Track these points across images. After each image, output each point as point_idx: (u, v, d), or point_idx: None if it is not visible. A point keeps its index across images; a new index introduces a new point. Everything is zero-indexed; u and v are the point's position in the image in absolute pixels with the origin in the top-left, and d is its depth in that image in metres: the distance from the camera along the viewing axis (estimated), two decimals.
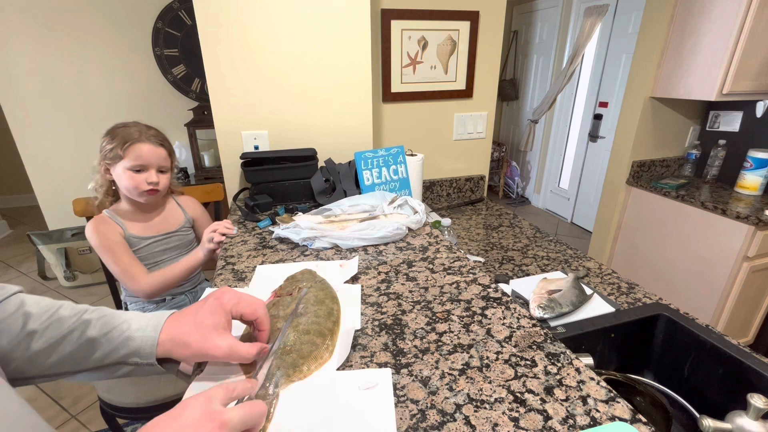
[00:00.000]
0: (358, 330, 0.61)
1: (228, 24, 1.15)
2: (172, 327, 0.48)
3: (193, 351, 0.47)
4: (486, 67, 1.58)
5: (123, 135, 1.11)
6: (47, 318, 0.46)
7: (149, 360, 0.47)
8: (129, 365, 0.47)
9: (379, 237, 0.89)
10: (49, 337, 0.45)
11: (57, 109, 2.44)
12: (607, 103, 3.19)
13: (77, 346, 0.46)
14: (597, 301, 0.97)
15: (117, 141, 1.11)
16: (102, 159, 1.14)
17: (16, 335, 0.44)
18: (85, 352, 0.46)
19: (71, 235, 2.57)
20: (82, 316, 0.47)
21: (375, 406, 0.46)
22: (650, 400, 0.76)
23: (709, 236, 1.75)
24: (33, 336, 0.45)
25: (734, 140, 1.95)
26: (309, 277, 0.70)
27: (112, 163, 1.13)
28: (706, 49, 1.68)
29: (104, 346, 0.46)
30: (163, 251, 1.24)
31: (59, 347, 0.45)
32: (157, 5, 2.45)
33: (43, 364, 0.45)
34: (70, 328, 0.46)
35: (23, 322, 0.45)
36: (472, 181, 1.75)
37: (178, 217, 1.28)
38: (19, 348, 0.44)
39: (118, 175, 1.13)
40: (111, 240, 1.13)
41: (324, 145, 1.35)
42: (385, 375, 0.51)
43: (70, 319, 0.47)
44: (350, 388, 0.49)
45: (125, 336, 0.47)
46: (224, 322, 0.49)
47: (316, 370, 0.52)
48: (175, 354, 0.48)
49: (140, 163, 1.11)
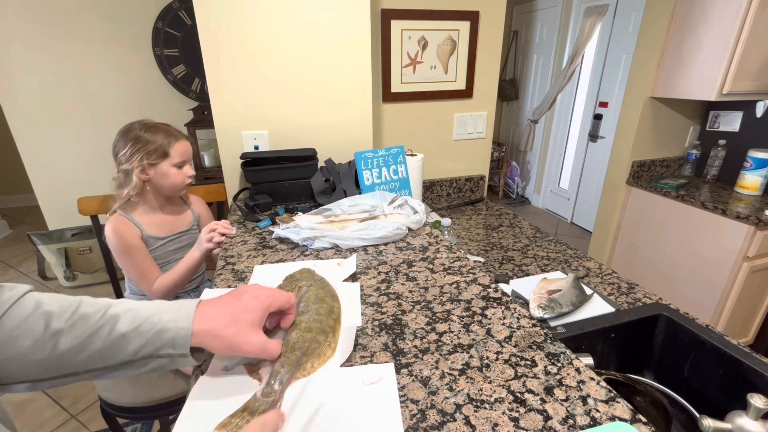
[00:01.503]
0: (360, 327, 0.61)
1: (228, 24, 1.15)
2: (205, 318, 0.48)
3: (226, 343, 0.47)
4: (486, 67, 1.58)
5: (162, 133, 1.13)
6: (70, 315, 0.45)
7: (183, 351, 0.46)
8: (162, 358, 0.46)
9: (379, 237, 0.89)
10: (77, 335, 0.44)
11: (57, 109, 2.43)
12: (607, 103, 3.19)
13: (108, 342, 0.44)
14: (597, 301, 0.97)
15: (159, 140, 1.11)
16: (141, 160, 1.11)
17: (40, 336, 0.43)
18: (116, 348, 0.45)
19: (71, 235, 2.57)
20: (108, 311, 0.46)
21: (380, 400, 0.47)
22: (650, 400, 0.76)
23: (709, 236, 1.75)
24: (59, 335, 0.43)
25: (734, 140, 1.95)
26: (308, 276, 0.70)
27: (156, 162, 1.12)
28: (706, 49, 1.68)
29: (136, 340, 0.45)
30: (176, 250, 1.25)
31: (89, 344, 0.44)
32: (157, 5, 2.45)
33: (71, 362, 0.44)
34: (99, 324, 0.45)
35: (45, 322, 0.44)
36: (472, 181, 1.75)
37: (187, 216, 1.30)
38: (45, 348, 0.43)
39: (161, 173, 1.14)
40: (131, 243, 1.13)
41: (324, 145, 1.34)
42: (388, 370, 0.52)
43: (95, 315, 0.46)
44: (354, 383, 0.49)
45: (158, 328, 0.46)
46: (258, 321, 0.50)
47: (320, 367, 0.52)
48: (207, 344, 0.47)
49: (183, 159, 1.16)
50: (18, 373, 0.43)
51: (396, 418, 0.44)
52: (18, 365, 0.42)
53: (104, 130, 2.54)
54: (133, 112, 2.55)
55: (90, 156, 2.56)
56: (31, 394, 1.80)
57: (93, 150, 2.55)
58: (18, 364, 0.42)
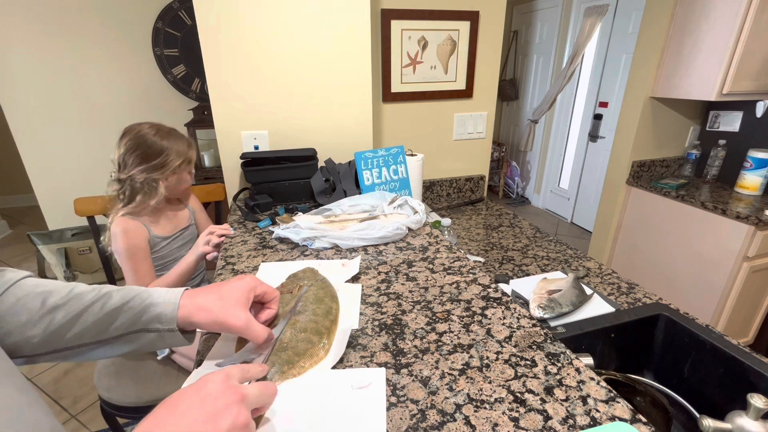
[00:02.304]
0: (355, 329, 0.61)
1: (228, 24, 1.15)
2: (192, 294, 0.51)
3: (214, 317, 0.49)
4: (486, 67, 1.58)
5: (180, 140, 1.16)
6: (66, 294, 0.48)
7: (170, 326, 0.48)
8: (150, 332, 0.48)
9: (379, 237, 0.89)
10: (70, 309, 0.47)
11: (57, 109, 2.44)
12: (607, 103, 3.19)
13: (100, 316, 0.47)
14: (597, 301, 0.97)
15: (182, 146, 1.15)
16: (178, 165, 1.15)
17: (36, 311, 0.46)
18: (107, 322, 0.47)
19: (71, 235, 2.57)
20: (101, 290, 0.49)
21: (366, 405, 0.46)
22: (650, 400, 0.76)
23: (709, 236, 1.75)
24: (55, 311, 0.46)
25: (734, 140, 1.95)
26: (310, 276, 0.70)
27: (186, 167, 1.17)
28: (706, 49, 1.68)
29: (126, 314, 0.48)
30: (179, 247, 1.27)
31: (81, 318, 0.47)
32: (157, 5, 2.45)
33: (64, 337, 0.46)
34: (92, 300, 0.48)
35: (42, 299, 0.46)
36: (472, 181, 1.75)
37: (185, 212, 1.32)
38: (41, 323, 0.45)
39: (181, 179, 1.18)
40: (137, 245, 1.14)
41: (324, 145, 1.34)
42: (379, 374, 0.51)
43: (89, 294, 0.48)
44: (343, 387, 0.49)
45: (146, 303, 0.49)
46: (245, 299, 0.52)
47: (311, 368, 0.52)
48: (195, 318, 0.49)
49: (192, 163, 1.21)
50: (16, 347, 0.45)
51: (380, 425, 0.44)
52: (16, 340, 0.45)
53: (104, 130, 2.54)
54: (133, 112, 2.55)
55: (90, 156, 2.56)
56: None
57: (93, 150, 2.55)
58: (16, 339, 0.45)
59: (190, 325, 0.50)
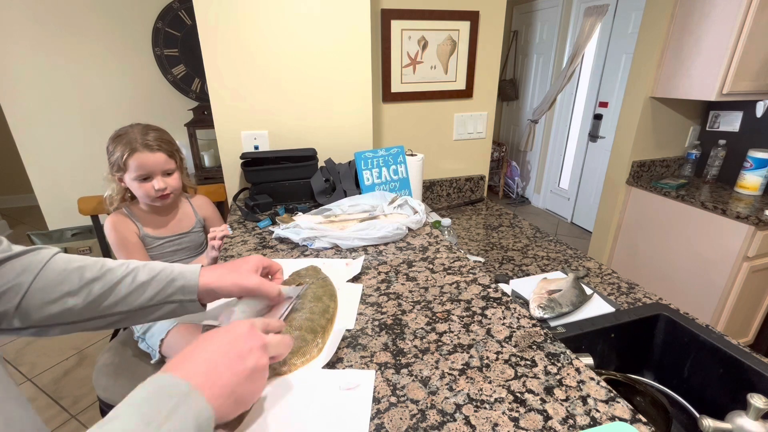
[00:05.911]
0: (354, 330, 0.61)
1: (228, 24, 1.15)
2: (209, 270, 0.59)
3: (232, 280, 0.58)
4: (486, 67, 1.58)
5: (122, 145, 1.10)
6: (99, 268, 0.54)
7: (191, 296, 0.56)
8: (173, 303, 0.56)
9: (379, 237, 0.89)
10: (106, 281, 0.53)
11: (57, 108, 2.43)
12: (607, 103, 3.19)
13: (132, 288, 0.54)
14: (597, 301, 0.97)
15: (117, 152, 1.11)
16: (111, 170, 1.15)
17: (76, 283, 0.51)
18: (138, 293, 0.54)
19: (71, 235, 2.57)
20: (129, 265, 0.56)
21: (352, 407, 0.47)
22: (650, 400, 0.76)
23: (709, 236, 1.75)
24: (93, 282, 0.52)
25: (734, 140, 1.95)
26: (312, 274, 0.71)
27: (120, 174, 1.14)
28: (706, 49, 1.68)
29: (153, 287, 0.55)
30: (174, 252, 1.26)
31: (115, 290, 0.53)
32: (157, 5, 2.45)
33: (100, 305, 0.52)
34: (123, 274, 0.54)
35: (80, 273, 0.52)
36: (472, 181, 1.75)
37: (190, 219, 1.30)
38: (81, 293, 0.51)
39: (129, 184, 1.15)
40: (128, 239, 1.16)
41: (324, 145, 1.34)
42: (368, 376, 0.51)
43: (119, 269, 0.55)
44: (331, 387, 0.49)
45: (171, 277, 0.56)
46: (255, 267, 0.60)
47: (302, 366, 0.53)
48: (215, 284, 0.57)
49: (143, 173, 1.11)
50: (53, 316, 0.50)
51: (363, 426, 0.44)
52: (57, 308, 0.50)
53: (104, 130, 2.52)
54: (133, 112, 2.55)
55: (90, 156, 2.55)
56: (32, 394, 1.80)
57: (93, 150, 2.55)
58: (58, 308, 0.50)
59: (209, 293, 0.57)
